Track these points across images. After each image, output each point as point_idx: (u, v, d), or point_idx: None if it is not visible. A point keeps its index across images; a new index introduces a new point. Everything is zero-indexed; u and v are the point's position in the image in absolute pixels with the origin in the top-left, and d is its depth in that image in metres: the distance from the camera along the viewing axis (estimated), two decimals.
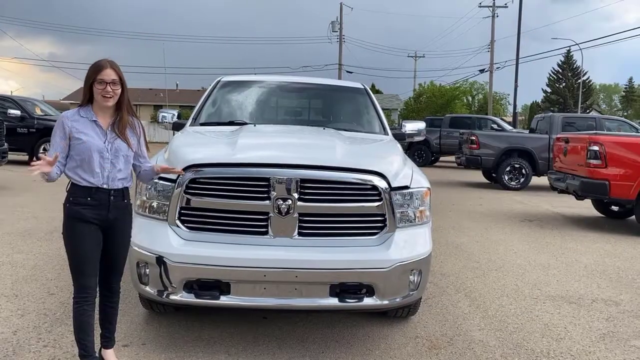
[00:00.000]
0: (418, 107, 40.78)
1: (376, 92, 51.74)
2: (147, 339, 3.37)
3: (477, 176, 15.76)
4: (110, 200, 2.68)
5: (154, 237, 3.04)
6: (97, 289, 2.77)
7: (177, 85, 55.48)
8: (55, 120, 14.24)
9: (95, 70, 2.61)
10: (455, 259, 5.81)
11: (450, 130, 19.44)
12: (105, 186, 2.66)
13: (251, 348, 3.30)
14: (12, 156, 14.55)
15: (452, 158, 17.91)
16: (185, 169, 3.02)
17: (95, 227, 2.65)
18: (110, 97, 2.64)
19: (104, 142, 2.65)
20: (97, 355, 2.79)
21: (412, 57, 55.35)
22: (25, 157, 14.30)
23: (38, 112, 14.55)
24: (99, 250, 2.70)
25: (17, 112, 13.87)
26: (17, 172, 12.59)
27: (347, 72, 39.85)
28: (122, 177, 2.73)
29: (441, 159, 22.01)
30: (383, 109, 5.12)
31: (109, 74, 2.62)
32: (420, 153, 20.02)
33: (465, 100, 49.58)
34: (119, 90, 2.67)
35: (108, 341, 2.91)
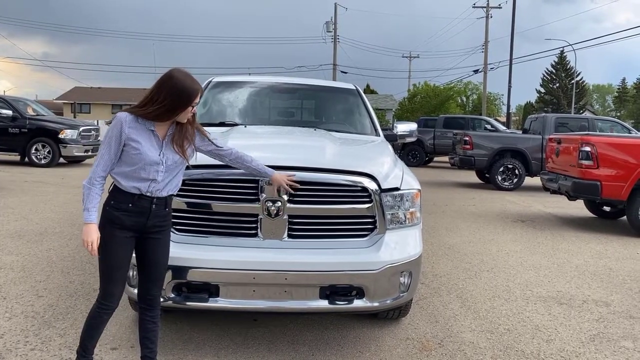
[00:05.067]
0: (412, 107, 40.85)
1: (371, 92, 51.80)
2: (135, 342, 3.32)
3: (471, 176, 15.81)
4: (151, 208, 2.56)
5: None
6: (120, 299, 2.66)
7: None
8: (47, 121, 14.34)
9: (195, 94, 2.51)
10: (448, 259, 5.81)
11: (444, 130, 19.48)
12: (148, 194, 2.54)
13: (241, 350, 3.28)
14: (3, 156, 14.49)
15: (446, 158, 17.97)
16: None
17: (132, 234, 2.56)
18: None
19: (159, 155, 2.52)
20: (92, 358, 2.75)
21: (406, 57, 55.50)
22: (17, 158, 14.18)
23: (30, 112, 14.43)
24: (130, 258, 2.61)
25: (9, 112, 13.75)
26: (8, 172, 12.50)
27: (342, 72, 39.78)
28: (170, 187, 2.62)
29: (435, 159, 22.07)
30: (378, 109, 5.15)
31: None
32: (414, 153, 20.07)
33: (459, 101, 49.72)
34: None
35: None
